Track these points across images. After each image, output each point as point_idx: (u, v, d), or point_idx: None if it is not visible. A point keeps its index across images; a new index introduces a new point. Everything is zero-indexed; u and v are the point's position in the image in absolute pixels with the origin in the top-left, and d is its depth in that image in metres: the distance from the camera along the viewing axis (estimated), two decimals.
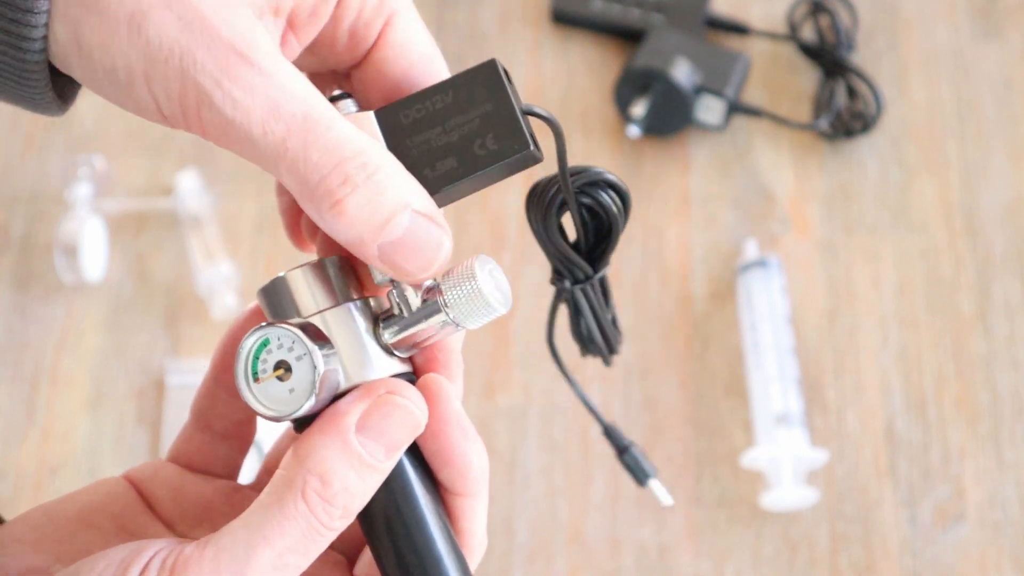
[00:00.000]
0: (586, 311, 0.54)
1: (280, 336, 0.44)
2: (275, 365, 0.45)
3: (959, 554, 0.81)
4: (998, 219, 0.93)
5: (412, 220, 0.43)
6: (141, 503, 0.52)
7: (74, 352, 0.88)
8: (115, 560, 0.44)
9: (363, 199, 0.42)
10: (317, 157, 0.42)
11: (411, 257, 0.44)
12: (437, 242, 0.44)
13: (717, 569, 0.81)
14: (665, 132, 0.96)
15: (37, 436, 0.85)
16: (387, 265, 0.43)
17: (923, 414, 0.86)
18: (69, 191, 0.92)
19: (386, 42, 0.47)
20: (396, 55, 0.47)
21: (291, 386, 0.45)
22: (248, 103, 0.41)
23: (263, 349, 0.45)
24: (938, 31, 1.01)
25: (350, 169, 0.42)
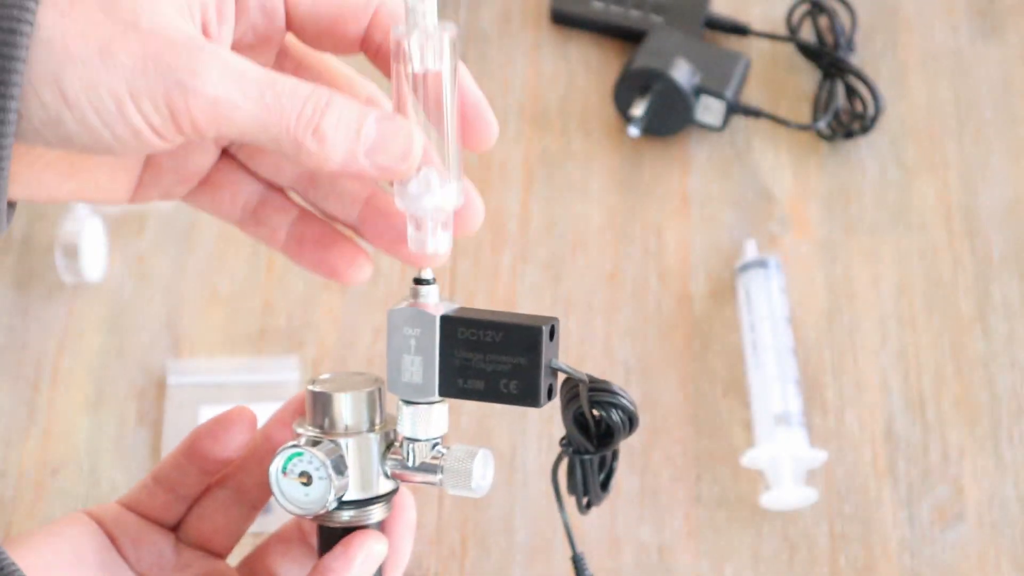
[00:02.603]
0: (578, 476, 0.63)
1: (312, 458, 0.56)
2: (300, 472, 0.57)
3: (958, 553, 0.81)
4: (997, 219, 0.93)
5: (378, 122, 0.50)
6: (113, 547, 0.60)
7: (75, 352, 0.88)
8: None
9: (333, 118, 0.49)
10: (288, 101, 0.49)
11: (391, 152, 0.51)
12: (406, 132, 0.51)
13: (717, 568, 0.81)
14: (665, 132, 0.96)
15: (38, 436, 0.85)
16: (376, 168, 0.51)
17: (922, 414, 0.86)
18: None
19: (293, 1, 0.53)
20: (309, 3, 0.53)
21: (308, 492, 0.57)
22: (224, 78, 0.47)
23: (297, 456, 0.57)
24: (937, 31, 1.01)
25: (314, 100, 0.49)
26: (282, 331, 0.89)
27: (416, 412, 0.58)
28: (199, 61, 0.47)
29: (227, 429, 0.61)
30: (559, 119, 0.98)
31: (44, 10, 0.47)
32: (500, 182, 0.95)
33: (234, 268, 0.91)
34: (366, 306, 0.90)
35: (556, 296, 0.91)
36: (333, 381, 0.60)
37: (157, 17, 0.47)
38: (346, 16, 0.53)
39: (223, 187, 0.58)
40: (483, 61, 1.01)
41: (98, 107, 0.47)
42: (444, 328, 0.56)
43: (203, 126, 0.48)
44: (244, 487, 0.62)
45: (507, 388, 0.56)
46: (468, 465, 0.58)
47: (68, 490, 0.84)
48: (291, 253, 0.59)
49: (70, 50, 0.46)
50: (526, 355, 0.56)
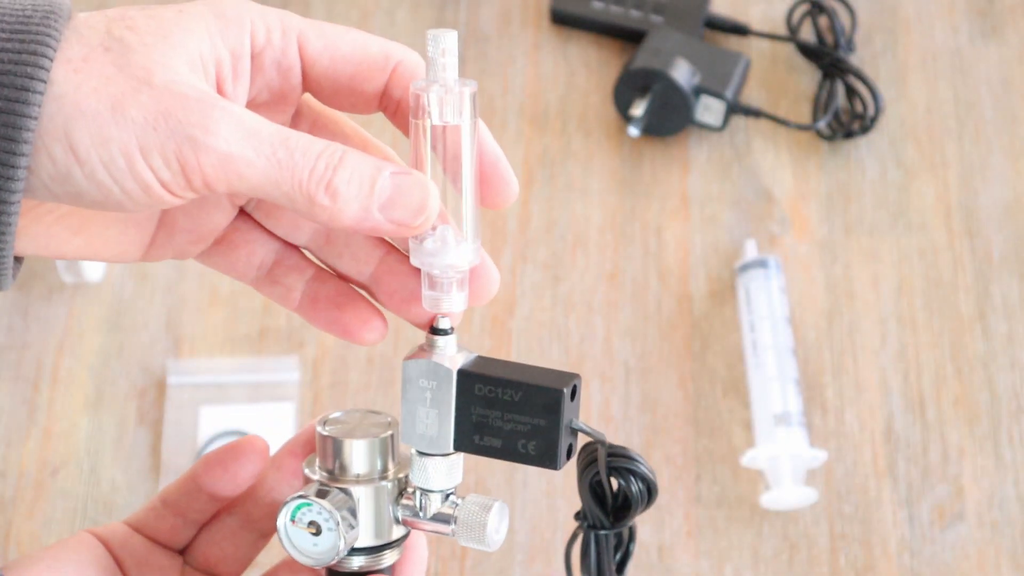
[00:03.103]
0: (592, 554, 0.61)
1: (320, 509, 0.56)
2: (309, 522, 0.56)
3: (958, 553, 0.81)
4: (997, 219, 0.93)
5: (392, 179, 0.50)
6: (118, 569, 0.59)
7: (75, 352, 0.88)
8: None
9: (346, 175, 0.49)
10: (300, 158, 0.48)
11: (407, 207, 0.50)
12: (422, 186, 0.50)
13: (717, 568, 0.81)
14: (665, 132, 0.96)
15: (38, 436, 0.85)
16: (391, 223, 0.50)
17: (922, 414, 0.86)
18: None
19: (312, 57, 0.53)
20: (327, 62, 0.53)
21: (317, 543, 0.56)
22: (236, 135, 0.47)
23: (306, 506, 0.56)
24: (937, 31, 1.01)
25: (326, 156, 0.49)
26: (282, 331, 0.89)
27: (430, 464, 0.56)
28: (211, 117, 0.47)
29: (237, 459, 0.60)
30: (559, 119, 0.98)
31: (56, 66, 0.46)
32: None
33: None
34: None
35: (556, 296, 0.91)
36: (345, 422, 0.58)
37: (170, 74, 0.47)
38: (364, 74, 0.52)
39: (239, 247, 0.57)
40: (483, 61, 1.01)
41: (108, 162, 0.47)
42: (461, 383, 0.55)
43: (214, 182, 0.48)
44: (253, 516, 0.61)
45: (525, 448, 0.55)
46: (483, 518, 0.56)
47: (68, 490, 0.84)
48: (305, 313, 0.58)
49: (81, 106, 0.46)
50: (545, 417, 0.54)
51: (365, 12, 1.01)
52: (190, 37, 0.49)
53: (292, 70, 0.52)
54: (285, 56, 0.52)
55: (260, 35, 0.51)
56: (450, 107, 0.51)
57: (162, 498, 0.61)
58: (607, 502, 0.59)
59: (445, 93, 0.51)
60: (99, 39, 0.47)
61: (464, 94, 0.51)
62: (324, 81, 0.53)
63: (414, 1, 1.02)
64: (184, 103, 0.47)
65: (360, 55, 0.52)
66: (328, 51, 0.52)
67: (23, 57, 0.46)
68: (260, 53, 0.51)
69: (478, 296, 0.55)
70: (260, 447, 0.60)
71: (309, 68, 0.52)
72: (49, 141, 0.46)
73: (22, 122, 0.46)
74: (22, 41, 0.46)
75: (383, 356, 0.88)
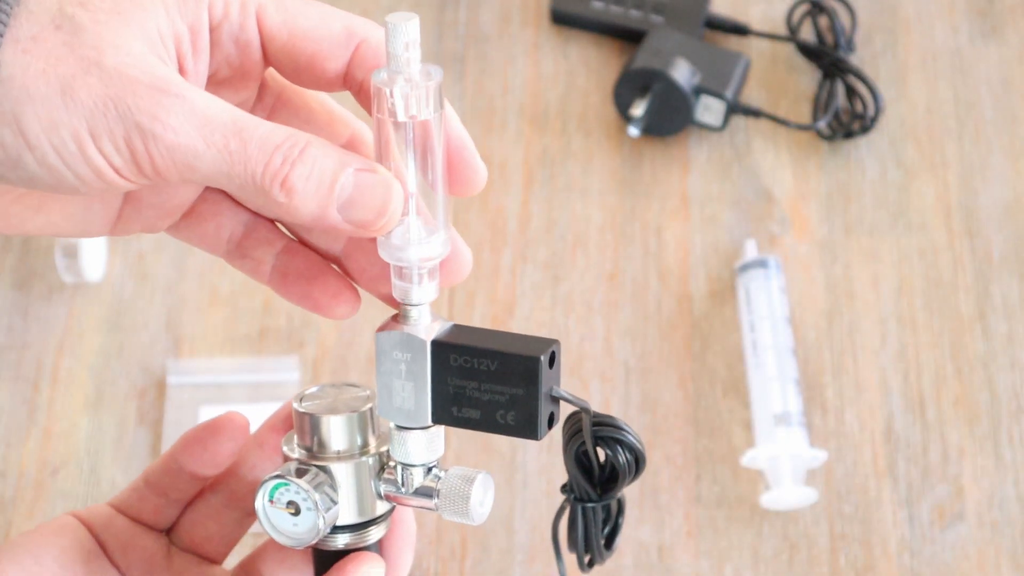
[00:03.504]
0: (579, 527, 0.60)
1: (298, 489, 0.54)
2: (287, 502, 0.55)
3: (958, 553, 0.81)
4: (997, 219, 0.93)
5: (356, 176, 0.48)
6: (101, 551, 0.58)
7: (75, 352, 0.88)
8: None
9: (304, 170, 0.47)
10: (256, 150, 0.46)
11: (368, 207, 0.48)
12: (385, 186, 0.49)
13: (717, 568, 0.81)
14: (665, 132, 0.96)
15: (38, 436, 0.85)
16: (352, 224, 0.48)
17: (922, 414, 0.86)
18: None
19: (270, 32, 0.50)
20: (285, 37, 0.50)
21: (297, 523, 0.55)
22: (185, 125, 0.46)
23: (283, 486, 0.55)
24: (937, 31, 1.01)
25: (285, 149, 0.47)
26: (282, 331, 0.89)
27: (409, 437, 0.54)
28: (161, 105, 0.46)
29: (215, 436, 0.59)
30: (559, 119, 0.98)
31: (4, 47, 0.45)
32: (500, 182, 0.95)
33: (234, 268, 0.91)
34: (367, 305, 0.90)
35: (556, 296, 0.91)
36: (322, 397, 0.57)
37: (122, 55, 0.46)
38: (325, 52, 0.50)
39: (207, 219, 0.56)
40: (483, 61, 1.01)
41: (59, 147, 0.46)
42: (435, 354, 0.53)
43: (164, 171, 0.47)
44: (237, 493, 0.60)
45: (504, 419, 0.53)
46: (466, 491, 0.55)
47: (68, 490, 0.84)
48: (276, 286, 0.57)
49: (30, 89, 0.45)
50: (523, 386, 0.52)
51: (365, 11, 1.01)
52: (146, 13, 0.47)
53: (251, 45, 0.51)
54: (243, 31, 0.50)
55: (218, 8, 0.49)
56: (416, 102, 0.49)
57: (144, 478, 0.60)
58: (594, 473, 0.57)
59: (410, 89, 0.49)
60: (50, 16, 0.46)
61: (429, 88, 0.49)
62: (283, 57, 0.51)
63: (414, 1, 1.02)
64: (134, 88, 0.45)
65: (321, 32, 0.50)
66: (287, 26, 0.50)
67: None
68: (217, 27, 0.50)
69: (450, 278, 0.54)
70: (240, 423, 0.59)
71: (268, 43, 0.51)
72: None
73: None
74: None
75: None
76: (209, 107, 0.46)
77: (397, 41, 0.48)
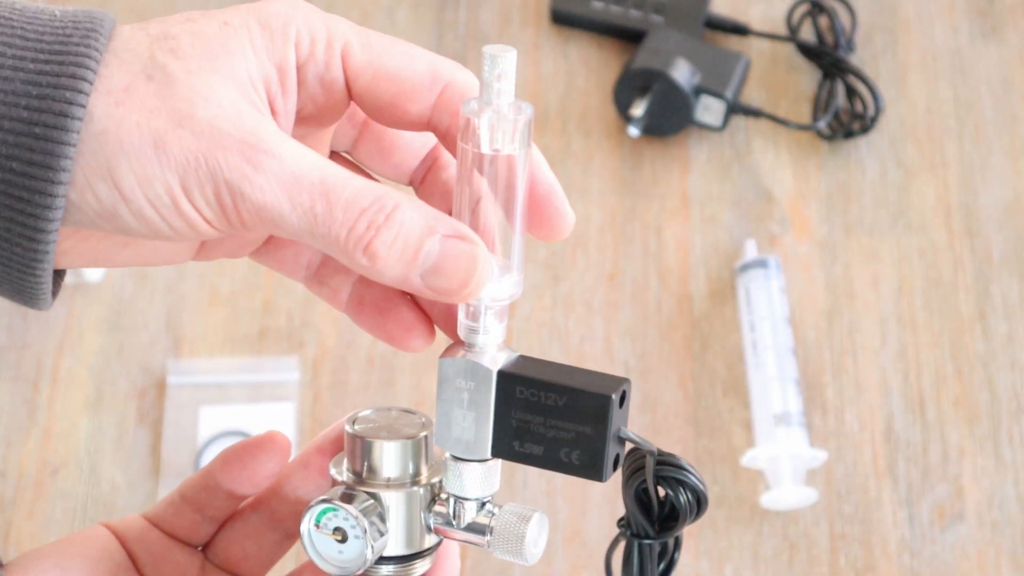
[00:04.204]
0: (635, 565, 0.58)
1: (346, 515, 0.52)
2: (334, 528, 0.52)
3: (958, 553, 0.81)
4: (997, 219, 0.93)
5: (442, 244, 0.47)
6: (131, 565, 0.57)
7: (75, 352, 0.88)
8: None
9: (389, 237, 0.46)
10: (341, 214, 0.46)
11: (452, 278, 0.47)
12: (470, 258, 0.48)
13: (717, 568, 0.81)
14: (665, 132, 0.96)
15: (38, 436, 0.85)
16: (434, 291, 0.48)
17: (922, 414, 0.86)
18: None
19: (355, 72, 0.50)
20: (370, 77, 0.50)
21: (342, 550, 0.52)
22: (273, 185, 0.46)
23: (331, 511, 0.52)
24: (937, 31, 1.01)
25: (371, 214, 0.46)
26: (282, 331, 0.89)
27: (466, 470, 0.52)
28: (250, 163, 0.45)
29: (257, 455, 0.57)
30: (559, 119, 0.98)
31: (98, 97, 0.45)
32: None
33: (234, 268, 0.91)
34: None
35: (556, 296, 0.91)
36: (376, 421, 0.55)
37: (213, 107, 0.46)
38: (408, 93, 0.50)
39: (285, 247, 0.56)
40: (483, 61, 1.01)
41: (153, 201, 0.46)
42: (501, 385, 0.51)
43: (250, 226, 0.47)
44: (277, 515, 0.58)
45: (568, 457, 0.51)
46: (521, 530, 0.53)
47: (68, 490, 0.84)
48: (352, 315, 0.56)
49: (124, 143, 0.45)
50: (592, 425, 0.50)
51: (365, 11, 1.01)
52: (236, 58, 0.47)
53: (335, 84, 0.50)
54: (328, 70, 0.49)
55: (304, 47, 0.49)
56: (502, 134, 0.48)
57: (180, 492, 0.58)
58: (653, 511, 0.56)
59: (498, 120, 0.48)
60: (141, 65, 0.46)
61: (519, 122, 0.48)
62: (367, 97, 0.50)
63: (414, 1, 1.02)
64: (225, 143, 0.45)
65: (406, 73, 0.50)
66: (372, 66, 0.50)
67: (62, 81, 0.45)
68: (303, 66, 0.49)
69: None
70: (281, 444, 0.57)
71: (352, 82, 0.50)
72: (93, 178, 0.45)
73: (61, 149, 0.45)
74: (61, 63, 0.45)
75: (383, 356, 0.88)
76: (299, 164, 0.46)
77: (491, 72, 0.48)
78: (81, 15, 0.47)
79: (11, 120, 0.45)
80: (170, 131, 0.45)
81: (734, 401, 0.86)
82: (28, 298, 0.48)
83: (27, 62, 0.45)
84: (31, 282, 0.47)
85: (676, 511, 0.55)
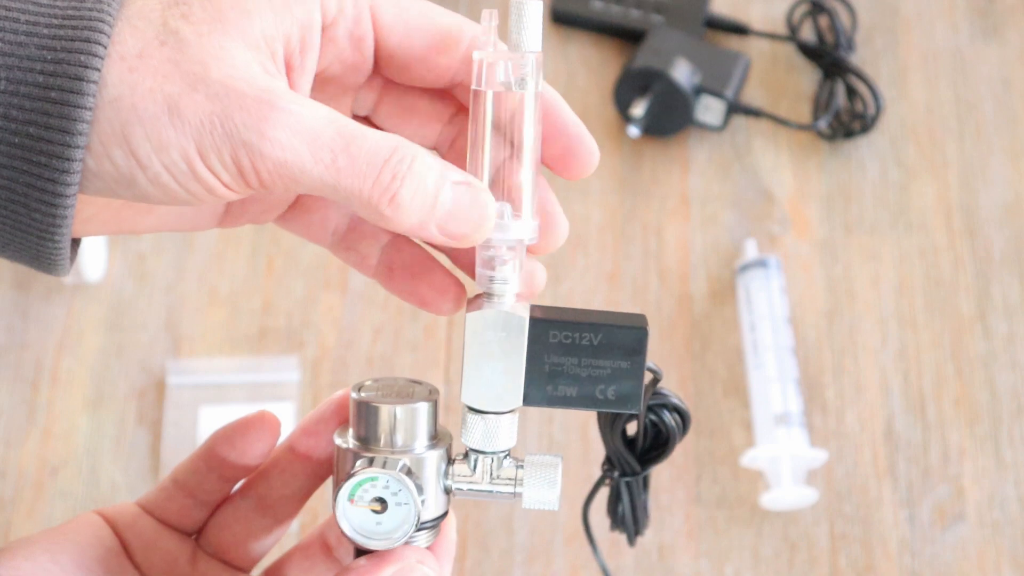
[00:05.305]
0: (625, 500, 0.60)
1: (390, 480, 0.51)
2: (373, 498, 0.52)
3: (958, 553, 0.81)
4: (997, 219, 0.93)
5: (454, 190, 0.49)
6: (123, 551, 0.57)
7: (75, 352, 0.88)
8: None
9: (411, 187, 0.47)
10: (365, 166, 0.47)
11: (464, 221, 0.49)
12: (482, 202, 0.49)
13: (717, 569, 0.81)
14: (665, 132, 0.96)
15: (38, 436, 0.85)
16: (448, 237, 0.49)
17: (922, 414, 0.86)
18: None
19: (385, 29, 0.51)
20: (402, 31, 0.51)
21: (380, 521, 0.52)
22: (292, 141, 0.46)
23: (370, 481, 0.52)
24: (937, 31, 1.01)
25: (394, 165, 0.47)
26: (282, 331, 0.89)
27: (490, 423, 0.53)
28: (267, 119, 0.46)
29: (246, 434, 0.58)
30: None
31: (111, 64, 0.45)
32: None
33: (234, 268, 0.91)
34: (366, 306, 0.90)
35: (556, 296, 0.91)
36: (381, 389, 0.55)
37: (226, 67, 0.46)
38: (439, 45, 0.51)
39: (312, 211, 0.56)
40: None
41: (169, 167, 0.46)
42: (534, 332, 0.52)
43: (270, 184, 0.47)
44: (267, 499, 0.59)
45: (604, 394, 0.52)
46: (553, 476, 0.54)
47: (68, 490, 0.84)
48: (381, 280, 0.57)
49: (138, 109, 0.45)
50: (630, 358, 0.52)
51: None
52: (250, 18, 0.47)
53: (365, 40, 0.51)
54: (358, 26, 0.50)
55: (332, 4, 0.50)
56: (512, 73, 0.50)
57: (172, 478, 0.59)
58: (637, 445, 0.58)
59: (508, 59, 0.50)
60: (154, 31, 0.46)
61: (528, 59, 0.50)
62: (397, 52, 0.51)
63: None
64: (241, 102, 0.46)
65: (436, 26, 0.51)
66: (402, 20, 0.51)
67: (76, 45, 0.45)
68: (333, 23, 0.50)
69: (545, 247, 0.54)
70: (271, 422, 0.58)
71: (383, 38, 0.51)
72: (109, 145, 0.46)
73: (77, 113, 0.45)
74: (74, 28, 0.45)
75: (383, 356, 0.88)
76: (316, 119, 0.47)
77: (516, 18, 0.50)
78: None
79: (27, 85, 0.45)
80: (184, 95, 0.46)
81: (734, 401, 0.86)
82: (47, 264, 0.48)
83: (41, 27, 0.46)
84: (50, 247, 0.47)
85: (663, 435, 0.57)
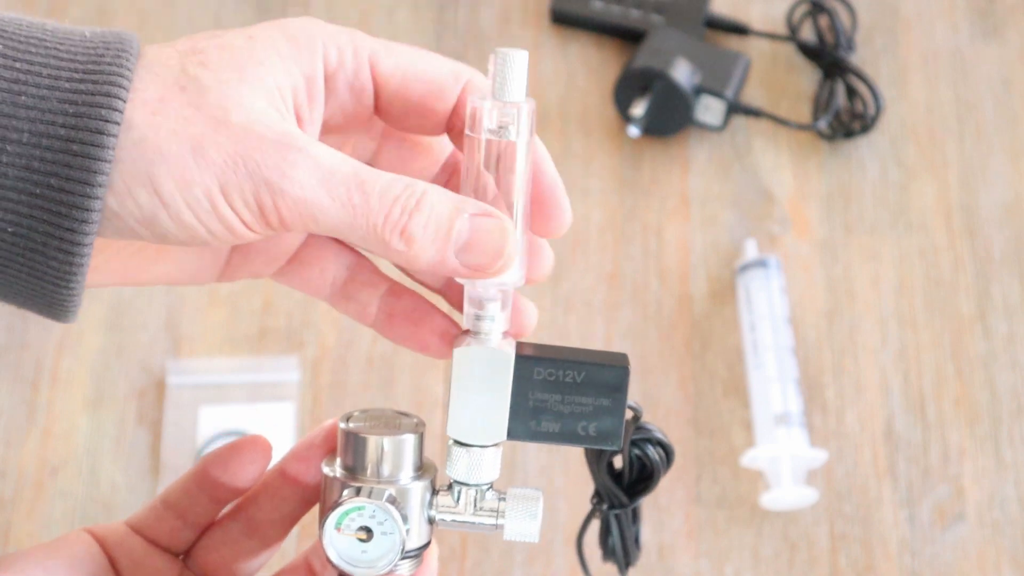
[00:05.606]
0: (615, 533, 0.62)
1: (376, 510, 0.53)
2: (359, 527, 0.53)
3: (958, 553, 0.81)
4: (997, 219, 0.93)
5: (471, 221, 0.50)
6: (111, 569, 0.58)
7: (75, 352, 0.88)
8: None
9: (422, 219, 0.49)
10: (376, 202, 0.48)
11: (485, 252, 0.50)
12: (501, 231, 0.50)
13: (717, 569, 0.81)
14: (665, 132, 0.96)
15: (38, 436, 0.85)
16: (469, 269, 0.50)
17: (922, 414, 0.86)
18: None
19: (385, 76, 0.52)
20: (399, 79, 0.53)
21: (366, 549, 0.53)
22: (310, 180, 0.48)
23: (357, 510, 0.53)
24: (937, 31, 1.01)
25: (404, 199, 0.49)
26: (282, 331, 0.89)
27: (474, 455, 0.54)
28: (287, 161, 0.47)
29: (238, 458, 0.58)
30: (559, 119, 0.98)
31: (134, 108, 0.47)
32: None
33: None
34: None
35: (556, 296, 0.91)
36: (369, 420, 0.56)
37: (245, 112, 0.47)
38: (435, 92, 0.53)
39: (311, 264, 0.58)
40: (483, 61, 1.01)
41: (192, 204, 0.47)
42: (519, 368, 0.54)
43: (290, 224, 0.48)
44: (256, 523, 0.59)
45: (585, 431, 0.54)
46: (534, 509, 0.55)
47: (68, 490, 0.84)
48: (381, 329, 0.58)
49: (163, 149, 0.47)
50: (610, 396, 0.54)
51: (365, 12, 1.01)
52: (264, 69, 0.49)
53: (365, 91, 0.52)
54: (357, 77, 0.52)
55: (332, 57, 0.51)
56: (504, 119, 0.52)
57: (162, 499, 0.60)
58: (624, 479, 0.59)
59: (502, 107, 0.51)
60: (174, 77, 0.48)
61: (520, 109, 0.52)
62: (396, 101, 0.53)
63: (414, 1, 1.02)
64: (261, 145, 0.47)
65: (432, 73, 0.53)
66: (399, 69, 0.52)
67: (97, 99, 0.46)
68: (333, 75, 0.51)
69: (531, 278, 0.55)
70: (262, 446, 0.59)
71: (381, 88, 0.52)
72: (133, 185, 0.47)
73: (97, 165, 0.46)
74: (95, 82, 0.47)
75: (383, 356, 0.88)
76: (332, 161, 0.48)
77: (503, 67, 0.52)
78: (110, 35, 0.48)
79: (49, 138, 0.46)
80: (207, 136, 0.47)
81: (734, 401, 0.86)
82: (58, 311, 0.50)
83: (62, 81, 0.47)
84: (64, 295, 0.49)
85: (646, 470, 0.59)
